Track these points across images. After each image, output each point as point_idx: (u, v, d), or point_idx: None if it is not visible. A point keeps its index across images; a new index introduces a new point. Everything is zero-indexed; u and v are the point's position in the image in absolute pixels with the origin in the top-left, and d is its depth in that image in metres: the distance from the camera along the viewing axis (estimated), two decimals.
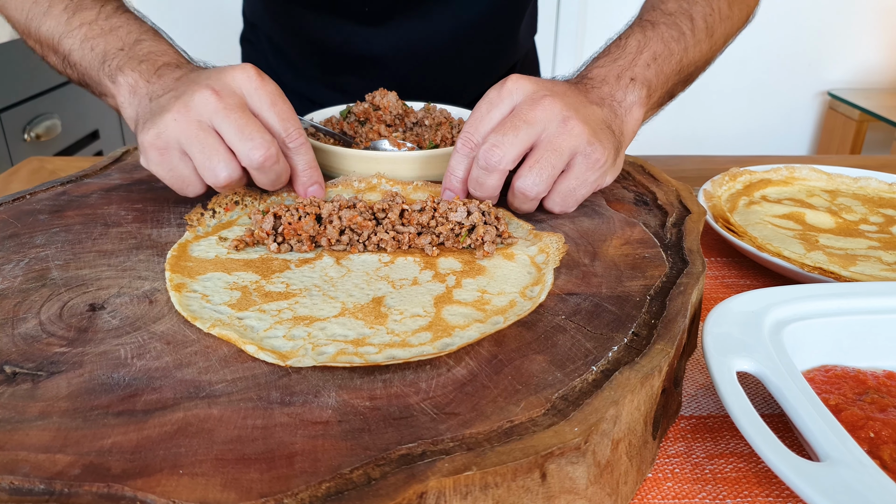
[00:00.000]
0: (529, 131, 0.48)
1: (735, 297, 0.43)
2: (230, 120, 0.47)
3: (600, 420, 0.30)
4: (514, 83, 0.50)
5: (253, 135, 0.47)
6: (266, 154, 0.47)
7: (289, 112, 0.50)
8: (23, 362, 0.35)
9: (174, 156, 0.48)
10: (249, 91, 0.49)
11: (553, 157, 0.48)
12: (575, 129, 0.48)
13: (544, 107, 0.48)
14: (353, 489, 0.27)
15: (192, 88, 0.48)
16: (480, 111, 0.51)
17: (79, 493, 0.27)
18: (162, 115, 0.47)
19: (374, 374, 0.34)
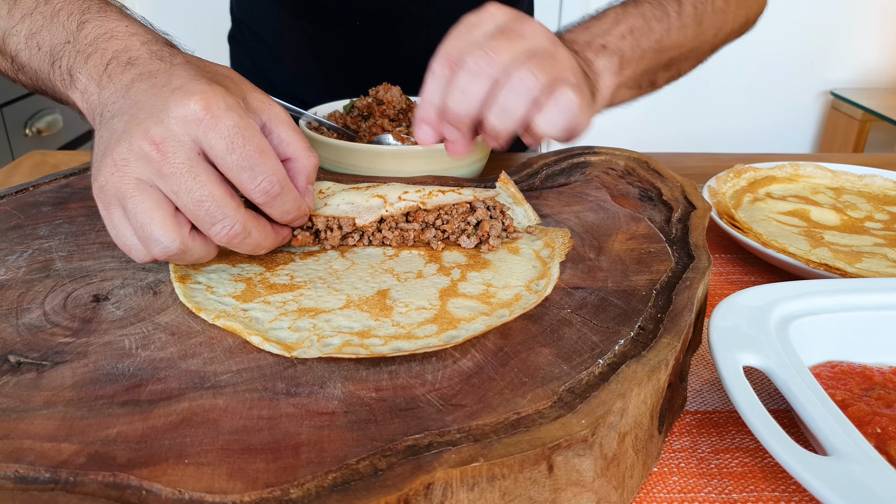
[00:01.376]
0: (523, 43, 0.43)
1: (741, 293, 0.43)
2: (175, 183, 0.36)
3: (607, 413, 0.30)
4: (494, 7, 0.46)
5: (213, 213, 0.37)
6: (230, 233, 0.38)
7: (253, 154, 0.37)
8: (27, 352, 0.35)
9: (116, 214, 0.38)
10: (199, 136, 0.37)
11: (549, 63, 0.44)
12: (566, 54, 0.46)
13: (533, 27, 0.45)
14: (359, 480, 0.26)
15: (130, 132, 0.37)
16: (459, 31, 0.45)
17: (84, 481, 0.27)
18: (102, 163, 0.38)
19: (379, 365, 0.34)
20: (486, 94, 0.43)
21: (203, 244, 0.39)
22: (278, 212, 0.40)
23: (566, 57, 0.46)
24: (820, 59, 2.45)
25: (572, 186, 0.57)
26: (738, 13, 0.68)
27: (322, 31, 0.84)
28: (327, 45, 0.86)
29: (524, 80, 0.42)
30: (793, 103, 2.51)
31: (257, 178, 0.38)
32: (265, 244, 0.41)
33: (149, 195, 0.37)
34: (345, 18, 0.83)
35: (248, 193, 0.38)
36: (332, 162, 0.64)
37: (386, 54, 0.85)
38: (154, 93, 0.38)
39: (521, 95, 0.43)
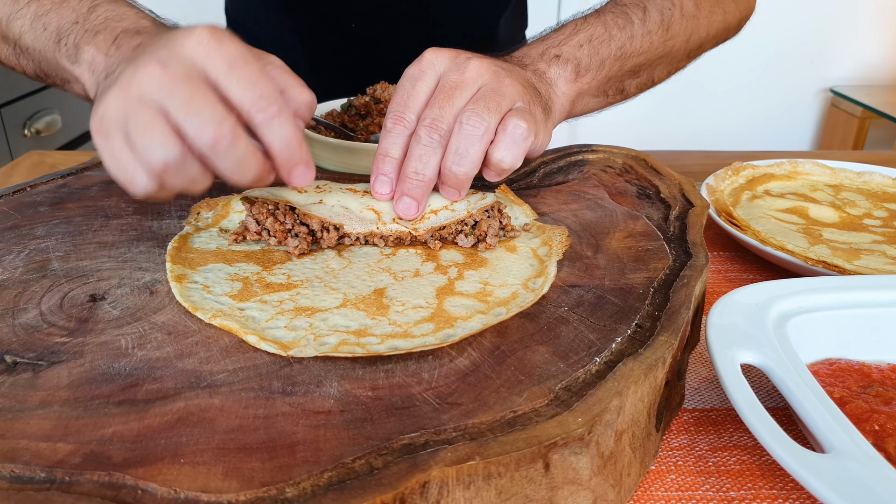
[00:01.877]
0: (464, 94, 0.45)
1: (739, 290, 0.43)
2: (175, 94, 0.37)
3: (604, 411, 0.30)
4: (432, 54, 0.46)
5: (201, 108, 0.37)
6: (217, 132, 0.37)
7: (253, 76, 0.39)
8: (23, 352, 0.35)
9: (116, 142, 0.38)
10: (202, 58, 0.38)
11: (496, 97, 0.45)
12: (508, 81, 0.46)
13: (472, 67, 0.45)
14: (355, 478, 0.26)
15: (137, 62, 0.39)
16: (404, 88, 0.46)
17: (80, 481, 0.27)
18: (105, 96, 0.38)
19: (376, 364, 0.34)
20: (442, 156, 0.45)
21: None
22: (275, 136, 0.40)
23: (511, 84, 0.46)
24: (820, 56, 2.45)
25: (570, 184, 0.57)
26: (713, 18, 0.67)
27: (316, 30, 0.84)
28: (321, 45, 0.85)
29: (473, 127, 0.44)
30: (792, 100, 2.51)
31: (254, 97, 0.38)
32: (253, 164, 0.39)
33: (150, 109, 0.37)
34: (339, 19, 0.82)
35: (248, 113, 0.39)
36: (329, 161, 0.64)
37: (380, 54, 0.85)
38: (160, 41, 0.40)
39: (474, 139, 0.44)
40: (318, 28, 0.84)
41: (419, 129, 0.44)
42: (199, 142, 0.37)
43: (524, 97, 0.47)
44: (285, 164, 0.42)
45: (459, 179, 0.45)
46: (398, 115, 0.45)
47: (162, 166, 0.38)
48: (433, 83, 0.46)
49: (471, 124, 0.44)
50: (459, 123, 0.44)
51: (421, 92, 0.46)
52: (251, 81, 0.38)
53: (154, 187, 0.39)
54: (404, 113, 0.45)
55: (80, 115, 1.91)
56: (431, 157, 0.44)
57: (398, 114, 0.45)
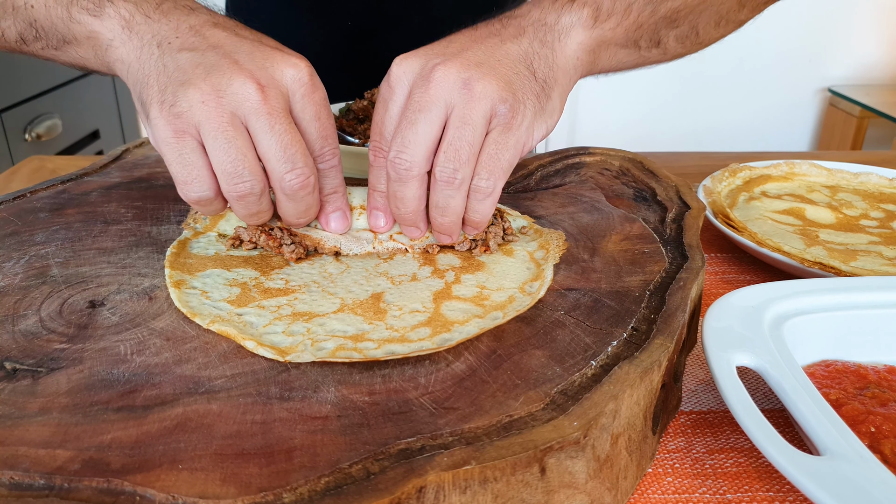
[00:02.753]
0: (430, 116, 0.40)
1: (735, 292, 0.43)
2: (274, 131, 0.38)
3: (599, 414, 0.30)
4: (398, 66, 0.43)
5: (296, 157, 0.39)
6: (304, 182, 0.40)
7: (331, 128, 0.42)
8: (23, 358, 0.35)
9: (189, 144, 0.38)
10: (296, 94, 0.40)
11: (467, 131, 0.40)
12: (481, 89, 0.40)
13: (437, 81, 0.41)
14: (351, 484, 0.27)
15: (228, 69, 0.38)
16: (378, 112, 0.44)
17: (78, 487, 0.27)
18: (186, 90, 0.38)
19: (373, 369, 0.34)
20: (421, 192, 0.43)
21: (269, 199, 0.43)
22: (330, 183, 0.44)
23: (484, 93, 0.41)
24: (818, 55, 2.45)
25: (567, 187, 0.57)
26: None
27: (314, 27, 0.85)
28: (320, 42, 0.86)
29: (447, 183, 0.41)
30: (791, 100, 2.51)
31: (327, 147, 0.42)
32: (312, 212, 0.43)
33: (242, 132, 0.38)
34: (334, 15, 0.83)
35: (317, 158, 0.42)
36: None
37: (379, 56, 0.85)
38: (246, 43, 0.40)
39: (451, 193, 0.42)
40: (316, 24, 0.84)
41: (388, 166, 0.42)
42: (283, 185, 0.40)
43: (503, 103, 0.41)
44: (328, 207, 0.45)
45: (447, 228, 0.44)
46: (376, 147, 0.44)
47: (239, 195, 0.40)
48: (403, 101, 0.43)
49: (444, 182, 0.41)
50: (434, 179, 0.41)
51: (393, 114, 0.43)
52: (327, 133, 0.42)
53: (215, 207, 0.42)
54: (381, 143, 0.43)
55: (80, 120, 1.91)
56: (407, 192, 0.42)
57: (376, 144, 0.44)
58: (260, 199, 0.41)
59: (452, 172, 0.41)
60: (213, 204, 0.41)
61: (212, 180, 0.40)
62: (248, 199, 0.40)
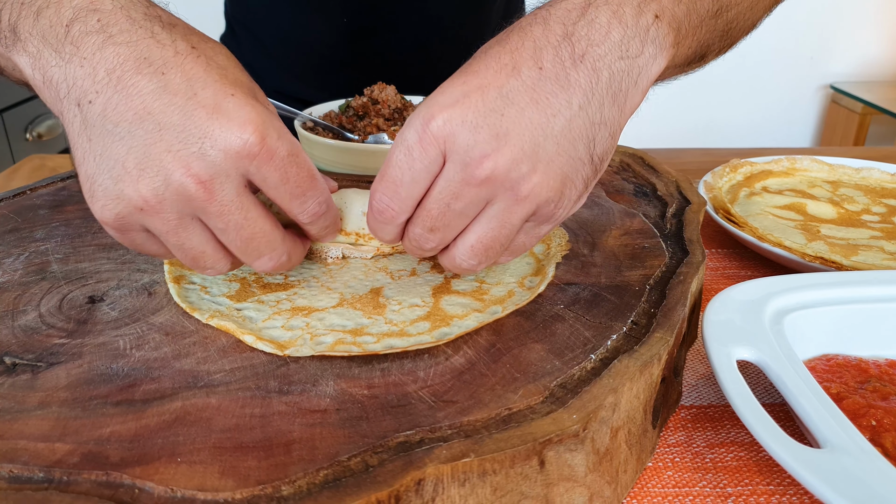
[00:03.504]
0: (467, 212, 0.34)
1: (736, 287, 0.43)
2: (229, 228, 0.33)
3: (599, 408, 0.30)
4: (442, 128, 0.32)
5: (260, 248, 0.35)
6: (276, 266, 0.36)
7: (306, 179, 0.35)
8: (23, 353, 0.35)
9: (139, 238, 0.35)
10: (251, 167, 0.32)
11: (503, 233, 0.35)
12: (529, 191, 0.33)
13: (482, 181, 0.32)
14: (350, 476, 0.27)
15: (161, 162, 0.31)
16: (399, 163, 0.33)
17: (77, 480, 0.27)
18: (121, 190, 0.32)
19: (372, 363, 0.34)
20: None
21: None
22: (319, 228, 0.38)
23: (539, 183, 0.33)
24: (819, 52, 2.44)
25: None
26: None
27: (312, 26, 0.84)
28: (321, 44, 0.86)
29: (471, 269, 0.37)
30: (793, 97, 2.51)
31: (308, 204, 0.36)
32: (296, 262, 0.39)
33: (194, 230, 0.34)
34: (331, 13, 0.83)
35: (298, 216, 0.36)
36: (328, 161, 0.64)
37: (379, 53, 0.85)
38: (177, 107, 0.31)
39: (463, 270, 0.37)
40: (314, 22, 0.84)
41: (409, 242, 0.37)
42: (259, 269, 0.37)
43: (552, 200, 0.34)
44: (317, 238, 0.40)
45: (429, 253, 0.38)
46: (387, 207, 0.35)
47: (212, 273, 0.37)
48: (435, 169, 0.33)
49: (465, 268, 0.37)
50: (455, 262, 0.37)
51: (417, 184, 0.34)
52: (303, 190, 0.35)
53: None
54: (392, 202, 0.35)
55: None
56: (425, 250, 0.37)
57: (387, 204, 0.35)
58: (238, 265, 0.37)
59: (475, 266, 0.36)
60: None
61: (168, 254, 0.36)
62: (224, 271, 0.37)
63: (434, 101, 0.33)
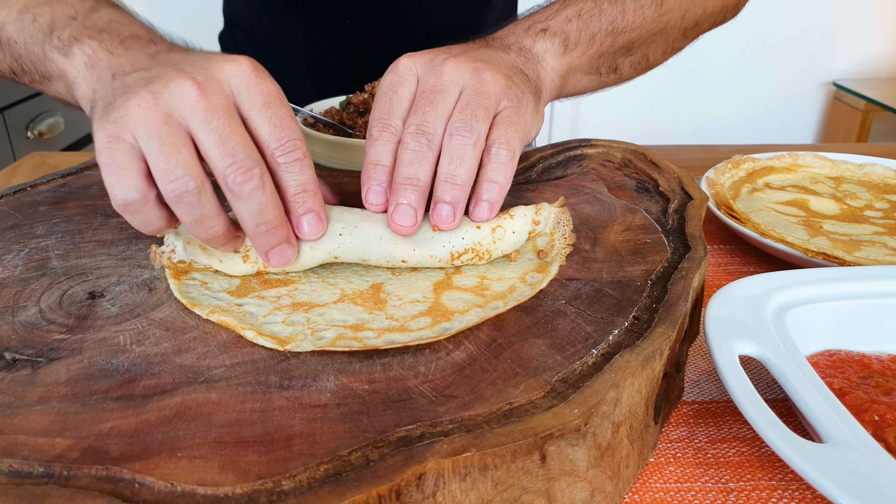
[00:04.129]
0: (447, 97, 0.42)
1: (738, 282, 0.42)
2: (211, 126, 0.36)
3: (600, 402, 0.30)
4: (407, 59, 0.44)
5: (236, 150, 0.36)
6: (246, 175, 0.35)
7: (286, 118, 0.38)
8: (23, 349, 0.35)
9: (122, 147, 0.36)
10: (240, 88, 0.38)
11: (481, 99, 0.42)
12: (490, 77, 0.43)
13: (450, 68, 0.43)
14: (351, 471, 0.26)
15: (168, 73, 0.37)
16: (385, 95, 0.43)
17: (77, 475, 0.27)
18: (125, 98, 0.36)
19: (372, 358, 0.34)
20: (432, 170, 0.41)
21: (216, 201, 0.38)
22: (295, 179, 0.38)
23: (493, 80, 0.44)
24: (822, 49, 2.44)
25: (569, 179, 0.57)
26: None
27: (312, 29, 0.84)
28: (318, 43, 0.85)
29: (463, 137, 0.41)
30: (795, 94, 2.50)
31: (284, 137, 0.38)
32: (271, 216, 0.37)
33: (179, 130, 0.36)
34: (333, 17, 0.82)
35: (273, 151, 0.38)
36: (329, 158, 0.64)
37: (375, 53, 0.85)
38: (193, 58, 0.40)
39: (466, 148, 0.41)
40: (314, 26, 0.84)
41: (405, 136, 0.41)
42: (229, 181, 0.36)
43: (509, 91, 0.44)
44: (298, 210, 0.39)
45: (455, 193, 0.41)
46: (383, 123, 0.42)
47: (175, 194, 0.36)
48: (413, 88, 0.44)
49: (460, 135, 0.41)
50: (449, 135, 0.41)
51: (403, 98, 0.43)
52: (284, 122, 0.38)
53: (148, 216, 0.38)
54: (389, 119, 0.42)
55: (82, 118, 1.91)
56: (423, 162, 0.41)
57: (383, 121, 0.42)
58: (200, 200, 0.36)
59: (469, 126, 0.41)
60: (144, 211, 0.37)
61: (140, 182, 0.36)
62: (186, 199, 0.36)
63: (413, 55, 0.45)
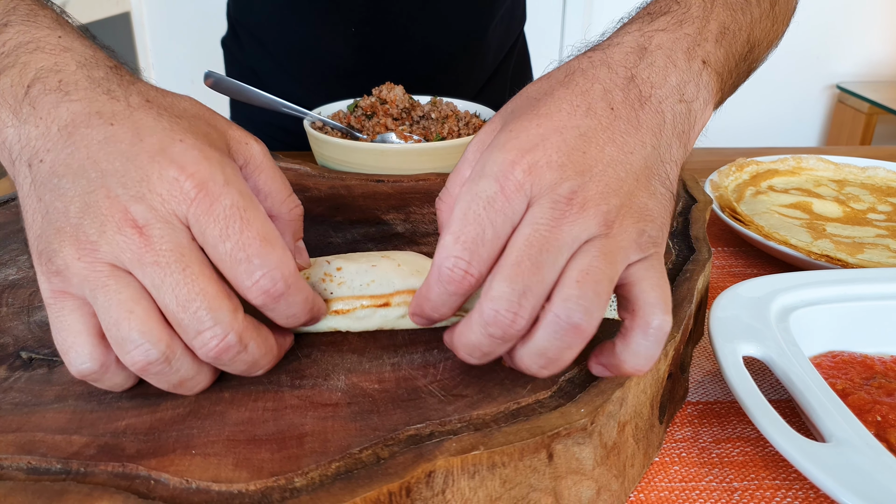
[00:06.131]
0: (558, 260, 0.29)
1: (742, 283, 0.43)
2: (165, 285, 0.28)
3: (606, 402, 0.31)
4: (528, 174, 0.29)
5: (200, 315, 0.28)
6: (221, 346, 0.29)
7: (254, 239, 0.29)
8: (39, 348, 0.35)
9: (68, 305, 0.29)
10: (187, 217, 0.29)
11: (608, 268, 0.29)
12: (619, 232, 0.30)
13: (574, 218, 0.29)
14: (362, 468, 0.27)
15: (101, 207, 0.29)
16: (475, 216, 0.29)
17: (94, 472, 0.27)
18: (59, 242, 0.29)
19: (382, 358, 0.34)
20: None
21: (191, 359, 0.30)
22: (283, 316, 0.31)
23: (626, 227, 0.30)
24: (825, 52, 2.44)
25: None
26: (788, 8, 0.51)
27: (318, 34, 0.84)
28: (322, 47, 0.86)
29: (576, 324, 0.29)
30: (799, 97, 2.50)
31: (255, 274, 0.29)
32: (263, 363, 0.32)
33: (129, 284, 0.29)
34: (339, 24, 0.83)
35: (245, 292, 0.30)
36: (337, 161, 0.65)
37: (381, 56, 0.85)
38: (121, 153, 0.29)
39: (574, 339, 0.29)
40: (322, 31, 0.84)
41: (482, 316, 0.29)
42: (201, 353, 0.29)
43: (640, 239, 0.30)
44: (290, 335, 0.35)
45: (533, 371, 0.31)
46: (456, 266, 0.29)
47: (138, 367, 0.29)
48: (513, 223, 0.30)
49: (571, 324, 0.28)
50: (554, 316, 0.29)
51: (497, 237, 0.29)
52: (249, 254, 0.29)
53: (117, 380, 0.31)
54: (472, 265, 0.29)
55: None
56: (497, 350, 0.30)
57: (457, 262, 0.29)
58: (171, 365, 0.29)
59: (584, 314, 0.28)
60: (108, 377, 0.30)
61: (94, 348, 0.29)
62: (153, 369, 0.29)
63: (510, 146, 0.30)
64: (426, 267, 0.36)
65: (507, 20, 0.92)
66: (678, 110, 0.34)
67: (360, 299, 0.35)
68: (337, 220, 0.50)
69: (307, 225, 0.40)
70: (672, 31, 0.35)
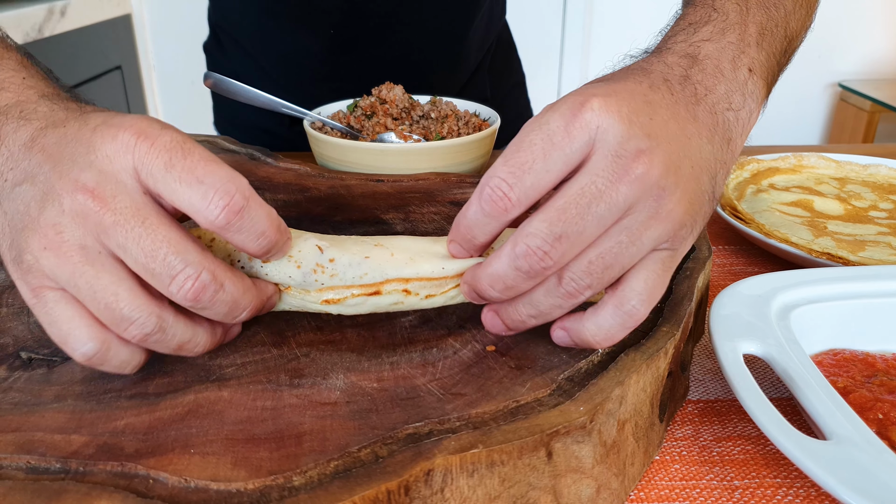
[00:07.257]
0: (606, 218, 0.29)
1: (742, 281, 0.43)
2: (129, 242, 0.29)
3: (605, 400, 0.31)
4: (597, 115, 0.29)
5: (169, 260, 0.29)
6: (198, 287, 0.29)
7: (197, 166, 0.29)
8: (38, 348, 0.35)
9: (51, 298, 0.30)
10: (136, 166, 0.29)
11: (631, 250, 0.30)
12: (668, 211, 0.30)
13: (635, 179, 0.29)
14: (360, 467, 0.27)
15: (54, 188, 0.29)
16: (532, 151, 0.30)
17: (93, 471, 0.27)
18: (24, 238, 0.30)
19: (381, 357, 0.34)
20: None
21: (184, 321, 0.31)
22: (253, 234, 0.31)
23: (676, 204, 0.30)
24: (827, 50, 2.43)
25: None
26: None
27: (298, 36, 0.84)
28: (302, 50, 0.85)
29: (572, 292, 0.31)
30: (801, 95, 2.50)
31: (209, 193, 0.29)
32: (244, 302, 0.32)
33: (103, 262, 0.29)
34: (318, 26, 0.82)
35: (205, 215, 0.29)
36: (336, 160, 0.65)
37: (364, 66, 0.84)
38: (70, 139, 0.31)
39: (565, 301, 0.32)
40: (300, 34, 0.84)
41: (522, 256, 0.30)
42: (179, 298, 0.30)
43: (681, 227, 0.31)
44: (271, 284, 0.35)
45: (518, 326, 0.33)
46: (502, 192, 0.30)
47: (138, 340, 0.30)
48: (574, 163, 0.30)
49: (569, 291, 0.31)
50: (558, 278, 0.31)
51: (550, 175, 0.30)
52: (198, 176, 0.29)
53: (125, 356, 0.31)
54: (513, 189, 0.30)
55: None
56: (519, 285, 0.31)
57: (504, 189, 0.30)
58: (167, 333, 0.31)
59: (584, 287, 0.30)
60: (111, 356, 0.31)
61: (91, 328, 0.30)
62: (152, 339, 0.30)
63: (582, 90, 0.30)
64: (423, 250, 0.36)
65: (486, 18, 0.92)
66: (727, 117, 0.34)
67: (350, 288, 0.35)
68: (336, 220, 0.50)
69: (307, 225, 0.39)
70: (716, 40, 0.35)
